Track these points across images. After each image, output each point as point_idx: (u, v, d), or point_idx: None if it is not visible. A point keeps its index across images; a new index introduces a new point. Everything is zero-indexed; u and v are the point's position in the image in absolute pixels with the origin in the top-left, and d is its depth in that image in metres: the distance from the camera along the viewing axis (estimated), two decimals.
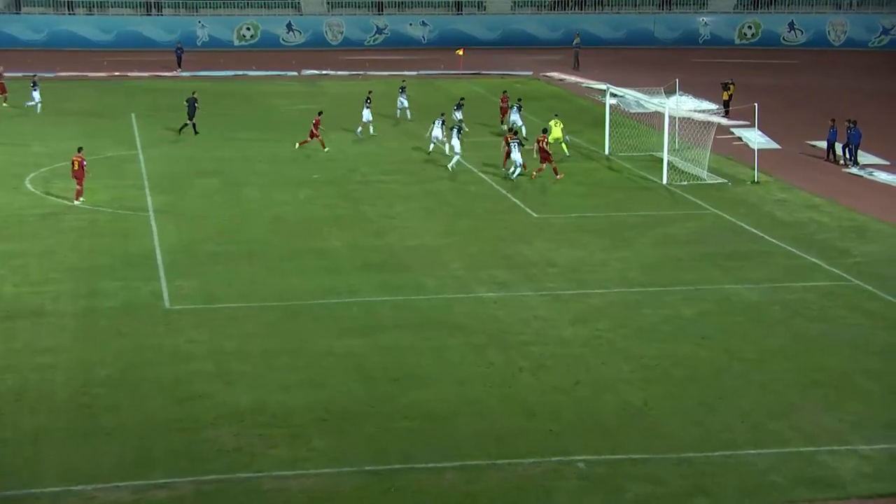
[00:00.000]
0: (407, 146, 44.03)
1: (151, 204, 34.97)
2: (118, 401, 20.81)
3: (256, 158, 41.80)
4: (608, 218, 34.08)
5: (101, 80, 60.04)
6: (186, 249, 30.23)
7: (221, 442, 19.27)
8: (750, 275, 28.50)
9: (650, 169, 40.06)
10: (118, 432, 19.57)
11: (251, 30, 73.60)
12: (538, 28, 76.17)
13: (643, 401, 21.02)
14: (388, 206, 35.13)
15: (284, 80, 61.82)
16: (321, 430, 19.76)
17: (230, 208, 34.82)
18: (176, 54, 63.89)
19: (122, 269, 28.48)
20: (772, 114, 46.32)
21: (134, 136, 45.49)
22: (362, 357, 22.98)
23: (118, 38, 72.00)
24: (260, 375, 22.02)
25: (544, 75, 64.01)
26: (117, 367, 22.31)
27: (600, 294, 26.99)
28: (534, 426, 19.97)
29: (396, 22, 75.14)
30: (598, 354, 23.27)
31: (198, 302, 26.19)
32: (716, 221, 33.83)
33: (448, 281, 27.82)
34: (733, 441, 19.47)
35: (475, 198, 36.35)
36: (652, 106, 44.33)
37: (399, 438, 19.49)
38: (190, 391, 21.23)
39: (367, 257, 29.71)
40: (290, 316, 25.33)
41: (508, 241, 31.29)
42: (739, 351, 23.49)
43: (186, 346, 23.50)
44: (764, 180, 38.73)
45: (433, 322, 24.98)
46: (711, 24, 77.09)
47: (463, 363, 22.75)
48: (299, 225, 32.91)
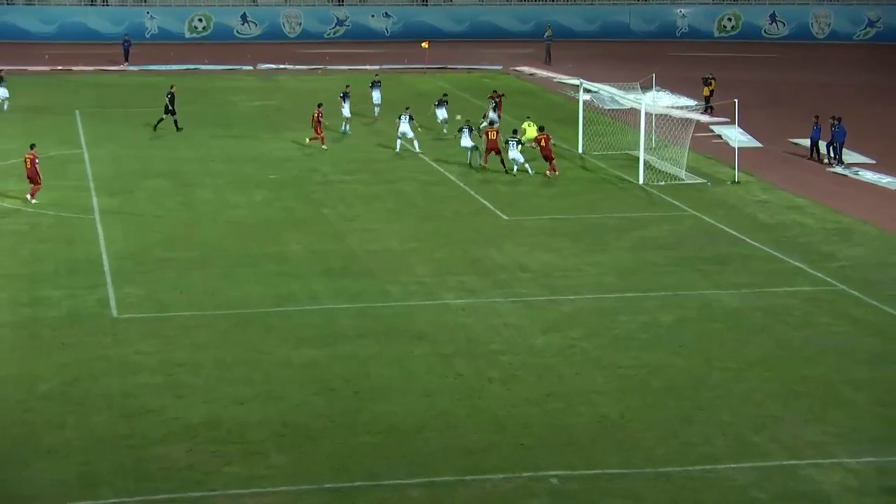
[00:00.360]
0: (370, 143, 44.02)
1: (97, 206, 34.75)
2: (62, 417, 20.65)
3: (210, 158, 41.65)
4: (582, 220, 34.23)
5: (43, 74, 59.60)
6: (135, 255, 30.06)
7: (172, 459, 19.16)
8: (730, 280, 28.70)
9: (626, 168, 40.27)
10: (62, 450, 19.42)
11: (203, 21, 73.31)
12: (508, 20, 76.39)
13: (619, 413, 21.12)
14: (350, 208, 35.11)
15: (239, 74, 61.64)
16: (279, 445, 19.70)
17: (182, 211, 34.66)
18: (123, 47, 63.53)
19: (66, 276, 28.28)
20: (753, 110, 46.68)
21: (78, 134, 45.19)
22: (322, 368, 22.93)
23: (60, 30, 71.51)
24: (213, 388, 21.93)
25: (514, 70, 64.20)
26: (61, 381, 22.14)
27: (574, 300, 27.09)
28: (504, 440, 20.01)
29: (358, 13, 75.13)
30: (571, 364, 23.36)
31: (147, 311, 26.05)
32: (694, 224, 34.05)
33: (413, 287, 27.83)
34: (713, 454, 19.59)
35: (442, 199, 36.40)
36: (627, 102, 44.60)
37: (362, 454, 19.47)
38: (138, 406, 21.10)
39: (328, 262, 29.66)
40: (246, 325, 25.24)
41: (477, 245, 31.34)
42: (719, 360, 23.64)
43: (135, 357, 23.36)
44: (745, 180, 39.03)
45: (397, 331, 24.98)
46: (689, 17, 77.62)
47: (429, 374, 22.77)
48: (255, 228, 32.82)
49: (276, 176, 39.06)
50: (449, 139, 44.49)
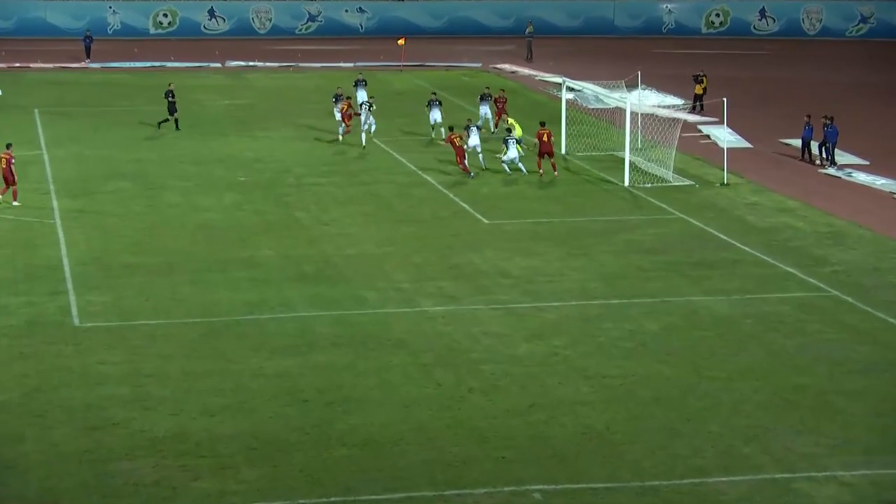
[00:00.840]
0: (344, 144, 44.01)
1: (58, 210, 34.63)
2: (20, 430, 20.55)
3: (177, 159, 41.56)
4: (565, 224, 34.33)
5: (0, 71, 59.30)
6: (98, 261, 29.97)
7: (138, 475, 19.11)
8: (719, 285, 28.85)
9: (611, 170, 40.42)
10: (20, 464, 19.33)
11: (168, 16, 73.14)
12: (487, 15, 76.54)
13: (604, 424, 21.19)
14: (324, 212, 35.11)
15: (207, 71, 61.54)
16: (250, 459, 19.69)
17: (148, 215, 34.58)
18: (84, 43, 63.34)
19: (25, 282, 28.17)
20: (742, 109, 46.93)
21: (37, 135, 45.02)
22: (295, 378, 22.93)
23: (18, 25, 71.19)
24: (181, 400, 21.89)
25: (494, 67, 64.34)
26: (20, 392, 22.04)
27: (557, 307, 27.17)
28: (485, 453, 20.05)
29: (331, 8, 75.10)
30: (554, 374, 23.42)
31: (111, 319, 25.97)
32: (682, 227, 34.20)
33: (390, 294, 27.85)
34: (702, 467, 19.69)
35: (419, 202, 36.45)
36: (612, 101, 44.76)
37: (337, 468, 19.47)
38: (102, 418, 21.04)
39: (301, 268, 29.66)
40: (215, 333, 25.21)
41: (456, 250, 31.40)
42: (708, 369, 23.75)
43: (98, 367, 23.29)
44: (734, 182, 39.24)
45: (374, 339, 25.00)
46: (676, 12, 77.96)
47: (407, 384, 22.79)
48: (225, 232, 32.77)
49: (247, 178, 39.02)
50: (415, 138, 44.50)
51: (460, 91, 56.09)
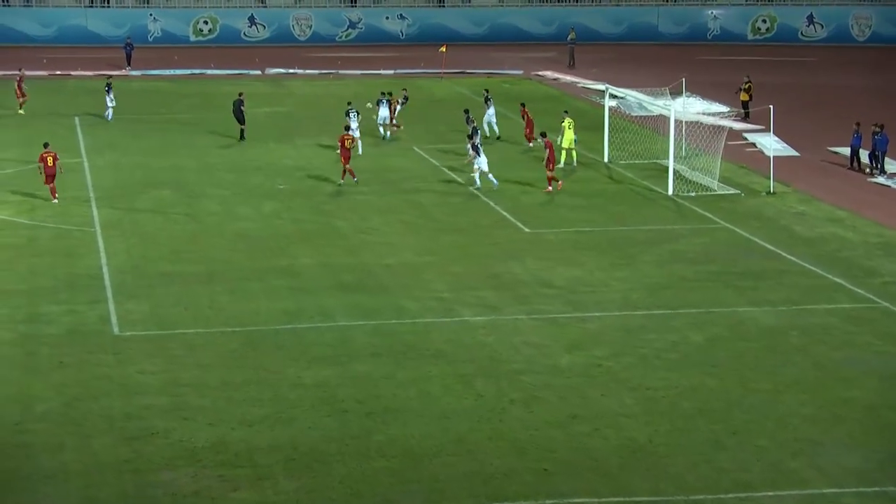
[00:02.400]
0: (385, 152, 44.16)
1: (98, 218, 34.95)
2: (60, 439, 20.76)
3: (216, 167, 41.83)
4: (608, 233, 34.25)
5: (41, 79, 59.96)
6: (137, 269, 30.23)
7: (177, 485, 19.25)
8: (765, 296, 28.68)
9: (654, 178, 40.29)
10: (60, 475, 19.52)
11: (209, 24, 73.68)
12: (529, 22, 76.51)
13: (647, 437, 21.12)
14: (364, 220, 35.22)
15: (247, 79, 61.91)
16: (288, 470, 19.77)
17: (187, 223, 34.84)
18: (125, 51, 63.91)
19: (66, 291, 28.45)
20: (789, 117, 46.66)
21: (78, 143, 45.46)
22: (334, 388, 23.01)
23: (59, 33, 71.97)
24: (220, 410, 22.02)
25: (536, 74, 64.32)
26: (60, 402, 22.26)
27: (599, 318, 27.11)
28: (526, 465, 20.03)
29: (371, 15, 75.39)
30: (596, 385, 23.37)
31: (150, 328, 26.19)
32: (727, 237, 34.04)
33: (430, 303, 27.89)
34: (748, 481, 19.57)
35: (460, 210, 36.49)
36: (656, 108, 44.60)
37: (375, 480, 19.52)
38: (142, 428, 21.21)
39: (340, 277, 29.77)
40: (254, 343, 25.35)
41: (497, 259, 31.40)
42: (754, 381, 23.62)
43: (137, 377, 23.49)
44: (781, 191, 39.00)
45: (413, 349, 25.05)
46: (722, 18, 77.61)
47: (447, 395, 22.81)
48: (264, 241, 32.95)
49: (286, 186, 39.21)
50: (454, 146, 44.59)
51: (501, 98, 56.09)
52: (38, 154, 36.42)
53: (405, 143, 45.19)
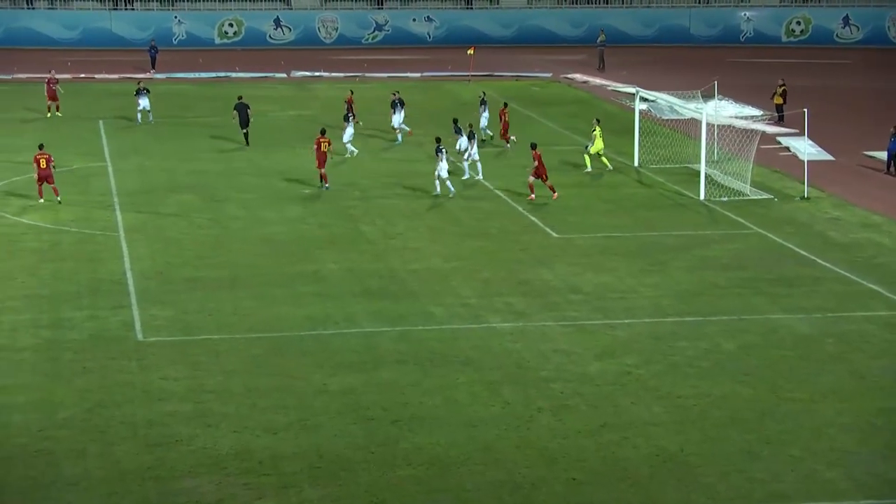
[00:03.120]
0: (411, 157, 44.20)
1: (122, 223, 35.13)
2: (83, 446, 20.86)
3: (240, 171, 41.97)
4: (638, 238, 34.16)
5: (65, 82, 60.30)
6: (161, 274, 30.35)
7: (201, 493, 19.30)
8: (799, 303, 28.52)
9: (686, 183, 40.16)
10: (83, 482, 19.61)
11: (234, 26, 74.00)
12: (558, 24, 76.47)
13: (678, 446, 21.03)
14: (390, 225, 35.26)
15: (272, 82, 62.14)
16: (313, 478, 19.79)
17: (211, 228, 34.96)
18: (150, 54, 64.29)
19: (89, 296, 28.59)
20: (824, 121, 46.42)
21: (102, 146, 45.72)
22: (360, 396, 23.02)
23: (84, 36, 72.43)
24: (244, 417, 22.07)
25: (565, 77, 64.26)
26: (83, 408, 22.37)
27: (629, 325, 27.03)
28: (554, 475, 19.98)
29: (398, 17, 75.51)
30: (626, 393, 23.30)
31: (174, 333, 26.28)
32: (760, 242, 33.88)
33: (457, 309, 27.88)
34: (782, 492, 19.46)
35: (487, 215, 36.47)
36: (688, 112, 44.48)
37: (401, 488, 19.51)
38: (165, 435, 21.28)
39: (366, 283, 29.80)
40: (279, 349, 25.40)
41: (525, 265, 31.36)
42: (788, 390, 23.49)
43: (161, 383, 23.57)
44: (815, 196, 38.80)
45: (440, 356, 25.04)
46: (755, 20, 77.34)
47: (474, 403, 22.79)
48: (289, 246, 33.03)
49: (311, 191, 39.30)
50: (485, 149, 44.49)
51: (529, 102, 56.12)
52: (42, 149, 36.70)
53: (431, 147, 45.10)
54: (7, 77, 60.75)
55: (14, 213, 35.98)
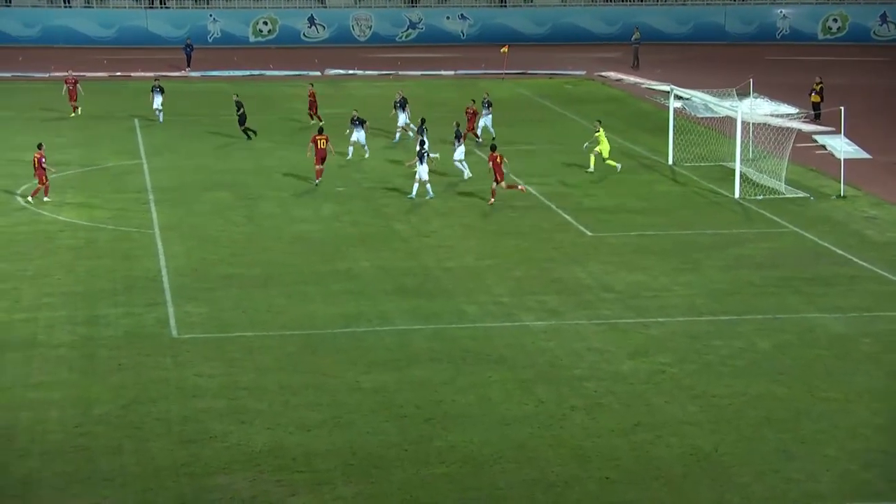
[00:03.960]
0: (444, 155, 44.17)
1: (157, 220, 35.34)
2: (119, 442, 21.01)
3: (274, 169, 42.13)
4: (672, 237, 34.04)
5: (101, 80, 60.80)
6: (196, 271, 30.52)
7: (235, 489, 19.40)
8: (835, 302, 28.35)
9: (720, 181, 39.99)
10: (119, 477, 19.75)
11: (269, 24, 74.27)
12: (592, 22, 76.28)
13: (712, 445, 20.96)
14: (424, 223, 35.29)
15: (306, 80, 62.30)
16: (347, 475, 19.86)
17: (245, 225, 35.12)
18: (185, 52, 64.63)
19: (124, 293, 28.78)
20: (861, 119, 46.09)
21: (137, 144, 46.01)
22: (393, 393, 23.07)
23: (119, 34, 72.91)
24: (278, 414, 22.16)
25: (599, 75, 64.10)
26: (118, 404, 22.53)
27: (663, 323, 26.95)
28: (588, 473, 19.96)
29: (432, 15, 75.55)
30: (660, 392, 23.23)
31: (208, 330, 26.42)
32: (796, 241, 33.69)
33: (490, 307, 27.88)
34: (817, 492, 19.36)
35: (521, 213, 36.45)
36: (722, 110, 44.25)
37: (434, 486, 19.54)
38: (199, 431, 21.40)
39: (400, 280, 29.85)
40: (312, 347, 25.49)
41: (559, 263, 31.32)
42: (823, 390, 23.35)
43: (195, 380, 23.71)
44: (851, 194, 38.54)
45: (473, 354, 25.05)
46: (791, 17, 76.87)
47: (507, 401, 22.79)
48: (322, 244, 33.13)
49: (345, 188, 39.39)
50: (518, 147, 44.46)
51: (563, 100, 56.03)
52: (41, 149, 36.86)
53: (465, 144, 45.11)
54: (44, 75, 61.24)
55: (51, 210, 36.27)
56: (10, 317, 27.12)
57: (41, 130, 47.80)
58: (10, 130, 47.72)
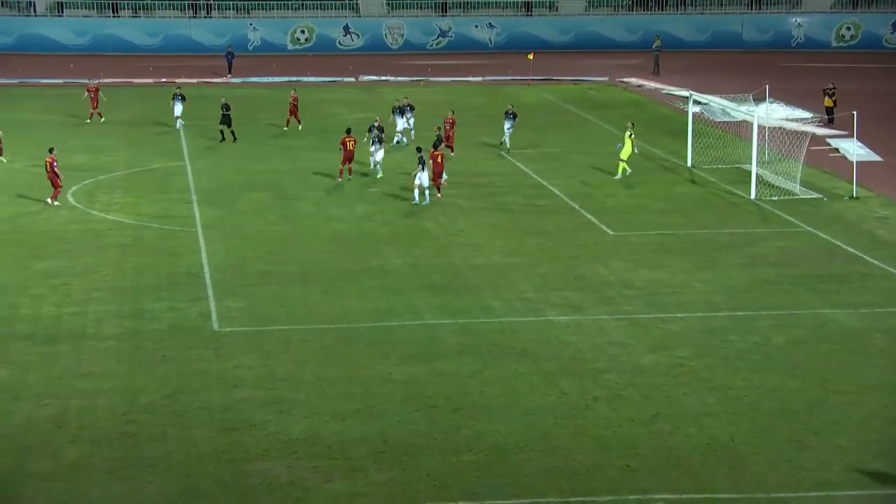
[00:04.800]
0: (473, 157, 44.17)
1: (199, 219, 35.48)
2: (163, 430, 21.13)
3: (310, 171, 42.20)
4: (691, 236, 33.90)
5: (147, 86, 61.09)
6: (236, 268, 30.62)
7: (273, 475, 19.46)
8: (848, 299, 28.16)
9: (737, 183, 39.78)
10: (163, 463, 19.86)
11: (306, 33, 74.42)
12: (615, 30, 76.02)
13: (729, 435, 20.87)
14: (452, 222, 35.28)
15: (341, 86, 62.43)
16: (379, 462, 19.88)
17: (282, 224, 35.20)
18: (226, 59, 64.83)
19: (168, 288, 28.93)
20: (873, 123, 45.75)
21: (181, 147, 46.20)
22: (423, 385, 23.09)
23: (165, 42, 73.24)
24: (314, 404, 22.22)
25: (621, 81, 63.89)
26: (162, 394, 22.66)
27: (682, 318, 26.84)
28: (609, 461, 19.91)
29: (461, 24, 75.50)
30: (679, 384, 23.15)
31: (248, 324, 26.51)
32: (809, 240, 33.48)
33: (516, 303, 27.85)
34: (830, 481, 19.24)
35: (545, 213, 36.38)
36: (739, 114, 44.04)
37: (463, 473, 19.54)
38: (239, 420, 21.48)
39: (429, 277, 29.85)
40: (346, 340, 25.53)
41: (582, 261, 31.25)
42: (836, 383, 23.21)
43: (235, 371, 23.80)
44: (863, 195, 38.26)
45: (500, 347, 25.03)
46: (806, 25, 76.36)
47: (532, 392, 22.76)
48: (356, 242, 33.18)
49: (377, 189, 39.42)
50: (539, 149, 44.34)
51: (586, 105, 55.89)
52: (52, 153, 36.65)
53: (492, 148, 45.15)
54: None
55: (100, 209, 36.48)
56: (61, 311, 27.30)
57: (90, 134, 48.13)
58: (62, 134, 47.99)
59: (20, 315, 26.98)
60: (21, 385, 23.04)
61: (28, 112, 51.48)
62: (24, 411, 21.85)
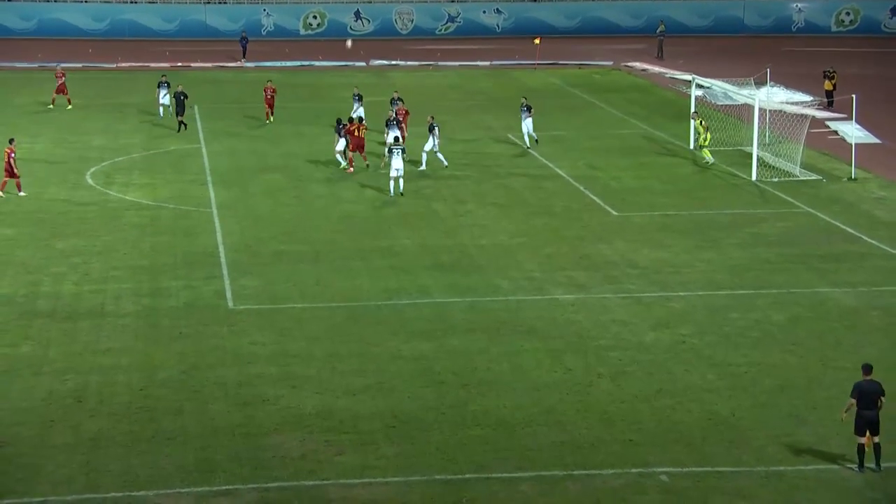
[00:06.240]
0: (481, 138, 44.10)
1: (215, 200, 35.49)
2: (180, 404, 21.19)
3: (322, 153, 42.15)
4: (693, 217, 33.83)
5: (164, 70, 60.96)
6: (250, 248, 30.65)
7: (286, 448, 19.52)
8: (846, 278, 28.10)
9: (738, 164, 39.67)
10: (180, 437, 19.93)
11: (318, 18, 74.24)
12: (619, 15, 75.73)
13: (730, 411, 20.87)
14: (460, 204, 35.24)
15: (352, 70, 62.28)
16: (389, 436, 19.93)
17: (296, 205, 35.20)
18: (241, 44, 64.73)
19: (185, 267, 28.97)
20: (871, 106, 45.56)
21: (197, 130, 46.17)
22: (432, 361, 23.11)
23: (181, 28, 73.11)
24: (325, 379, 22.26)
25: (626, 65, 63.66)
26: (179, 369, 22.71)
27: (684, 297, 26.82)
28: (613, 436, 19.93)
29: (469, 9, 75.25)
30: (681, 361, 23.14)
31: (262, 302, 26.55)
32: (809, 220, 33.40)
33: (522, 282, 27.84)
34: (828, 454, 19.24)
35: (551, 195, 36.32)
36: (741, 97, 43.87)
37: (470, 447, 19.58)
38: (253, 395, 21.54)
39: (438, 257, 29.84)
40: (357, 318, 25.55)
41: (586, 241, 31.22)
42: (834, 359, 23.18)
43: (250, 347, 23.84)
44: (862, 177, 38.14)
45: (506, 325, 25.04)
46: (806, 11, 75.97)
47: (538, 369, 22.78)
48: (367, 223, 33.17)
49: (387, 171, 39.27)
50: (548, 132, 44.21)
51: (591, 88, 55.72)
52: (11, 144, 35.05)
53: (499, 131, 45.05)
54: (111, 66, 61.56)
55: (118, 190, 36.51)
56: (81, 289, 27.36)
57: (108, 117, 48.11)
58: (80, 117, 48.02)
59: (41, 292, 27.05)
60: (42, 360, 23.12)
61: (48, 95, 51.42)
62: (45, 386, 21.93)
